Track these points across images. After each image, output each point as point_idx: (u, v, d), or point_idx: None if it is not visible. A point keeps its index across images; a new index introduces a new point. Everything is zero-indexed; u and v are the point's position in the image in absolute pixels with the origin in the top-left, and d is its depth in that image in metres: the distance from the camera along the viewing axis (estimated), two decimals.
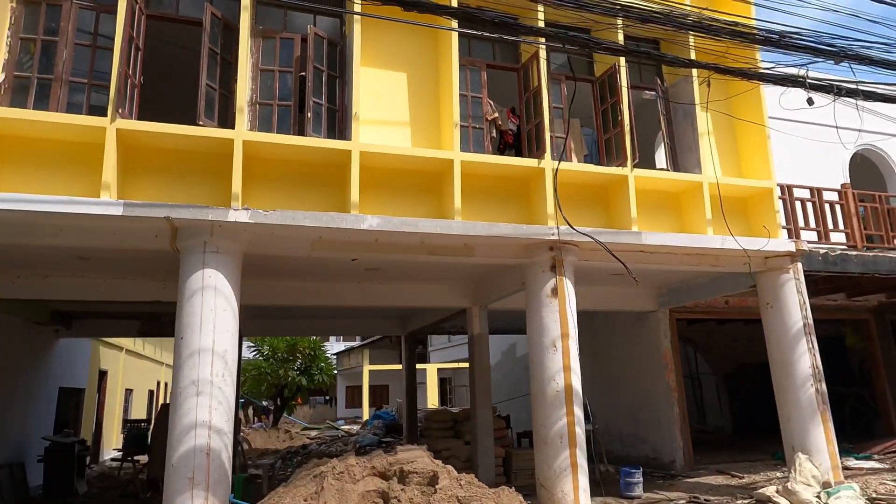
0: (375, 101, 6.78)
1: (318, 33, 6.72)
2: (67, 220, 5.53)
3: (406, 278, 9.15)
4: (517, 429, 12.78)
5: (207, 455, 5.39)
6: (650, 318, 10.67)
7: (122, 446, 10.56)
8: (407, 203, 6.75)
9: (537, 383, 6.80)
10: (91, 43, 6.18)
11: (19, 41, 5.94)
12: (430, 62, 7.22)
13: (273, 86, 6.62)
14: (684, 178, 7.78)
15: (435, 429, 10.63)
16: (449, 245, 6.81)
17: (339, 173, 6.52)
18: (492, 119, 7.57)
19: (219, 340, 5.64)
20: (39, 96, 5.86)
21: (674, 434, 10.06)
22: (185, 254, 5.86)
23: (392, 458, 5.53)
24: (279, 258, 7.11)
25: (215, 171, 6.11)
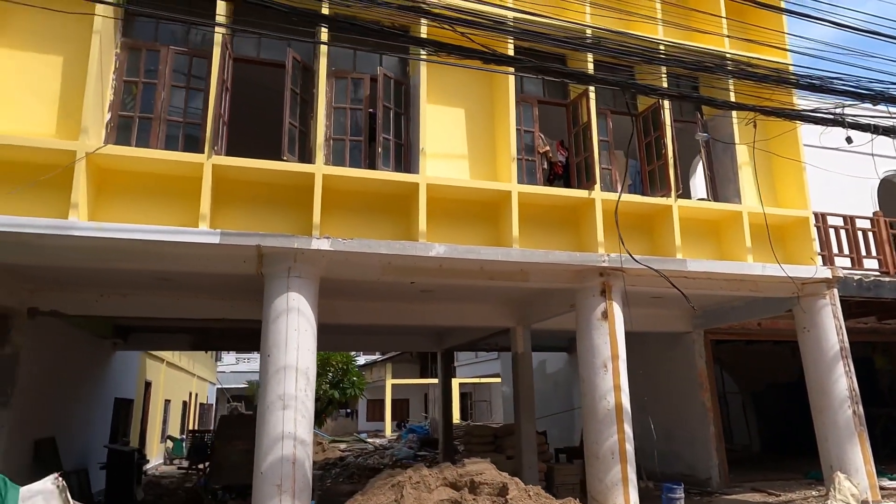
0: (437, 135, 7.30)
1: (387, 74, 7.28)
2: (168, 248, 6.08)
3: (455, 299, 9.62)
4: (552, 445, 13.11)
5: (293, 464, 5.86)
6: (685, 339, 11.03)
7: (187, 455, 11.07)
8: (467, 231, 7.24)
9: (588, 401, 7.22)
10: (185, 84, 6.79)
11: (123, 83, 6.55)
12: (486, 99, 7.75)
13: (345, 122, 7.18)
14: (725, 208, 8.20)
15: (476, 443, 11.03)
16: (506, 271, 7.28)
17: (405, 203, 7.04)
18: (543, 152, 8.07)
19: (301, 358, 6.14)
20: (140, 133, 6.47)
21: (710, 452, 10.37)
22: (270, 278, 6.38)
23: (462, 469, 5.97)
24: (345, 282, 7.61)
25: (295, 202, 6.66)
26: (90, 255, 6.04)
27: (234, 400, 33.43)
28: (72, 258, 6.05)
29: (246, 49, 7.22)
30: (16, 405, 7.66)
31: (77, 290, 8.12)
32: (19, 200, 5.77)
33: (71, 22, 6.16)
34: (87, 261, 6.09)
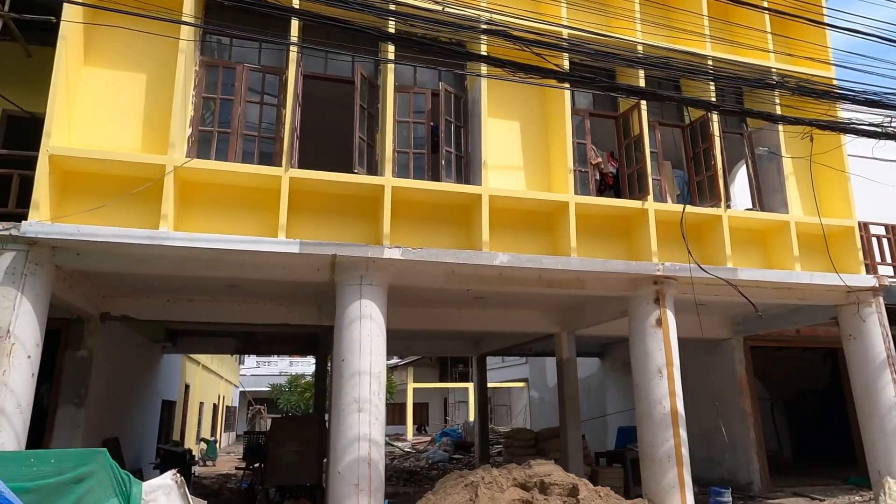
0: (495, 147, 7.57)
1: (448, 89, 7.57)
2: (249, 257, 6.39)
3: (502, 305, 9.87)
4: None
5: (369, 465, 6.13)
6: (725, 346, 11.19)
7: (243, 456, 11.39)
8: (525, 240, 7.49)
9: (643, 406, 7.43)
10: (259, 100, 7.11)
11: (202, 100, 6.88)
12: (540, 111, 8.01)
13: (408, 135, 7.47)
14: (773, 218, 8.39)
15: (518, 446, 11.24)
16: (564, 279, 7.53)
17: (466, 213, 7.31)
18: (595, 163, 8.31)
19: (374, 363, 6.42)
20: (219, 147, 6.79)
21: (750, 457, 10.52)
22: (342, 286, 6.66)
23: (529, 470, 6.21)
24: (404, 288, 7.88)
25: (364, 212, 6.96)
26: (177, 264, 6.36)
27: (257, 403, 33.81)
28: (159, 266, 6.37)
29: (312, 66, 7.53)
30: (89, 405, 8.00)
31: (147, 296, 8.47)
32: (111, 211, 6.09)
33: (154, 41, 6.48)
34: (174, 269, 6.41)
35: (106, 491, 4.27)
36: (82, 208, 6.05)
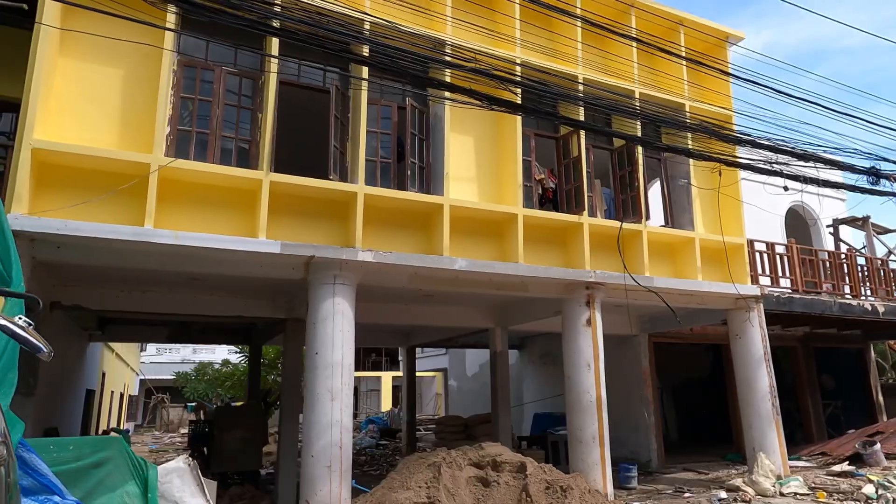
0: (454, 160, 8.32)
1: (413, 104, 8.22)
2: (229, 255, 6.73)
3: (445, 302, 10.68)
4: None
5: (340, 448, 6.73)
6: (633, 342, 12.70)
7: (188, 443, 11.39)
8: (478, 246, 8.32)
9: (573, 395, 8.54)
10: (236, 103, 7.39)
11: (180, 100, 7.07)
12: (493, 129, 8.84)
13: (375, 145, 8.04)
14: (682, 234, 9.80)
15: (449, 432, 12.16)
16: (510, 282, 8.44)
17: (428, 220, 8.02)
18: (539, 179, 9.30)
19: (345, 356, 7.00)
20: (197, 148, 7.03)
21: (650, 438, 12.10)
22: (316, 284, 7.16)
23: (482, 451, 7.08)
24: (372, 287, 8.44)
25: (336, 215, 7.47)
26: (160, 260, 6.58)
27: (158, 391, 32.49)
28: (142, 262, 6.56)
29: (286, 71, 7.88)
30: (37, 395, 7.91)
31: (100, 286, 8.44)
32: (92, 207, 6.22)
33: (131, 36, 6.60)
34: (156, 264, 6.62)
35: (124, 475, 4.60)
36: (62, 202, 6.13)
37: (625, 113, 8.75)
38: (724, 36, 10.57)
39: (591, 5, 9.18)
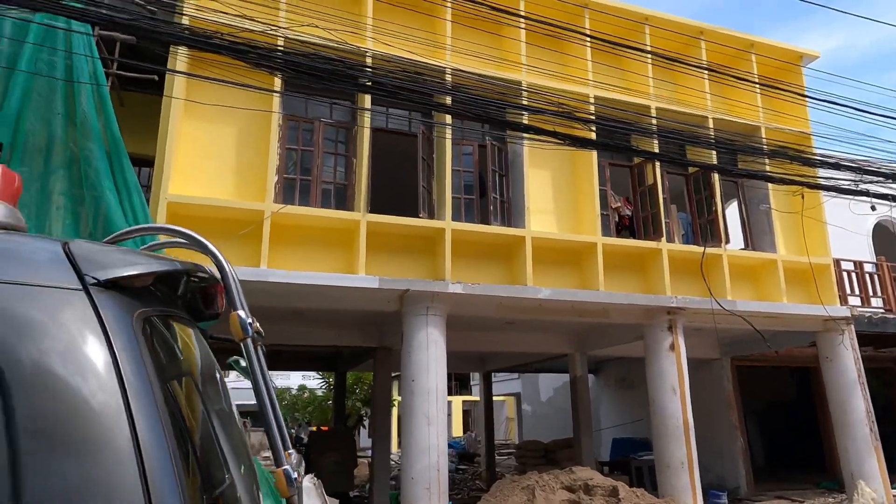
0: (532, 193, 8.73)
1: (492, 142, 8.71)
2: (333, 291, 7.35)
3: (525, 329, 10.99)
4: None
5: (438, 471, 7.13)
6: (714, 366, 12.55)
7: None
8: (559, 275, 8.64)
9: (659, 420, 8.62)
10: (333, 150, 8.12)
11: (286, 151, 7.85)
12: (569, 162, 9.20)
13: (459, 182, 8.56)
14: (764, 256, 9.76)
15: (529, 456, 12.32)
16: (592, 309, 8.70)
17: (510, 251, 8.43)
18: (615, 207, 9.55)
19: (439, 383, 7.44)
20: (301, 193, 7.76)
21: (737, 464, 11.85)
22: (410, 316, 7.68)
23: (573, 475, 7.31)
24: (459, 316, 8.88)
25: (424, 250, 8.00)
26: (273, 297, 7.28)
27: (241, 416, 33.95)
28: (258, 299, 7.27)
29: (375, 120, 8.57)
30: None
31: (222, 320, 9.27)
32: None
33: (242, 99, 7.42)
34: (270, 301, 7.33)
35: (263, 490, 5.18)
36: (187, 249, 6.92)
37: (699, 143, 8.92)
38: (797, 57, 10.58)
39: (660, 41, 9.47)
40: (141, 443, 1.06)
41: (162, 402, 1.14)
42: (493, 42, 8.90)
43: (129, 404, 1.09)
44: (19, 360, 1.06)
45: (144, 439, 1.07)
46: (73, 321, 1.14)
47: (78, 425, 1.05)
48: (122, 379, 1.11)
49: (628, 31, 9.47)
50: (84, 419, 1.06)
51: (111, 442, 1.05)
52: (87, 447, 1.04)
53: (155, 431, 1.09)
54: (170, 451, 1.10)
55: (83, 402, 1.08)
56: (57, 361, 1.08)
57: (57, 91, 5.28)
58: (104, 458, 1.05)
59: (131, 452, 1.06)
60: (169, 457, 1.10)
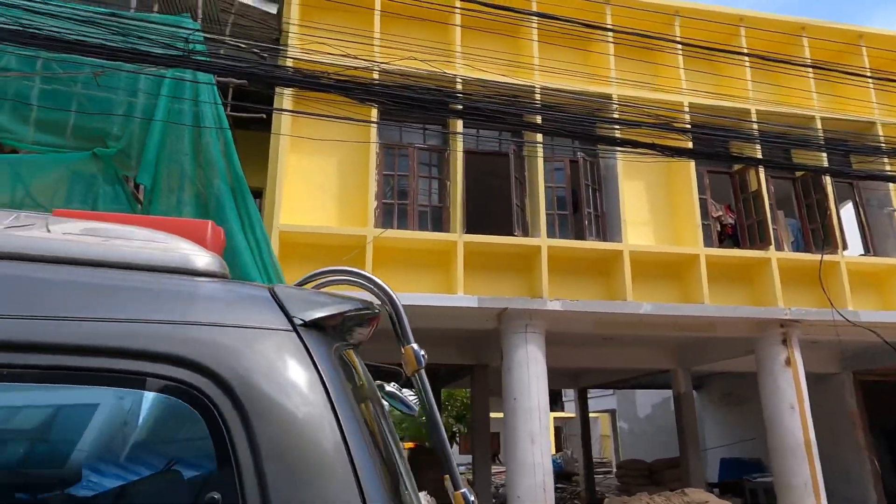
0: (628, 206, 8.56)
1: (584, 157, 8.66)
2: (432, 310, 7.54)
3: (622, 344, 10.73)
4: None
5: (544, 490, 7.08)
6: (834, 381, 11.66)
7: None
8: (658, 289, 8.40)
9: (776, 439, 8.12)
10: (427, 174, 8.37)
11: (383, 177, 8.19)
12: (664, 171, 8.96)
13: (552, 199, 8.56)
14: (889, 262, 9.02)
15: (631, 476, 11.93)
16: (696, 323, 8.38)
17: (606, 266, 8.30)
18: (716, 216, 9.19)
19: (541, 401, 7.42)
20: (399, 217, 8.05)
21: (867, 488, 10.89)
22: (508, 334, 7.73)
23: (686, 497, 7.03)
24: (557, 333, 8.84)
25: (519, 268, 8.04)
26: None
27: None
28: None
29: (466, 142, 8.76)
30: None
31: None
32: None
33: (342, 131, 7.82)
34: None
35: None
36: (300, 273, 7.34)
37: (807, 145, 8.44)
38: None
39: (757, 42, 9.08)
40: (357, 467, 1.20)
41: (365, 427, 1.28)
42: (581, 58, 8.88)
43: (343, 432, 1.23)
44: (257, 395, 1.21)
45: (359, 463, 1.20)
46: (291, 358, 1.29)
47: (308, 451, 1.20)
48: (334, 408, 1.26)
49: (722, 35, 9.16)
50: (311, 445, 1.20)
51: (335, 467, 1.19)
52: (318, 470, 1.18)
53: (366, 455, 1.22)
54: (377, 473, 1.23)
55: (309, 430, 1.22)
56: (283, 394, 1.24)
57: (185, 136, 5.83)
58: (331, 480, 1.18)
59: (351, 476, 1.19)
60: (379, 479, 1.23)
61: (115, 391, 1.24)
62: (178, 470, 1.23)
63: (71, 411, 1.27)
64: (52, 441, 1.27)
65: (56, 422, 1.28)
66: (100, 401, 1.25)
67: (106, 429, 1.27)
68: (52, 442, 1.27)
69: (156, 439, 1.27)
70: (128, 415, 1.25)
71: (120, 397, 1.25)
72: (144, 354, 1.19)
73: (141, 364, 1.19)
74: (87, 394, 1.24)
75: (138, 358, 1.19)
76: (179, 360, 1.20)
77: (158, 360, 1.19)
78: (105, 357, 1.19)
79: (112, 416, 1.28)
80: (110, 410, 1.29)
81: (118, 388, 1.23)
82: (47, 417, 1.27)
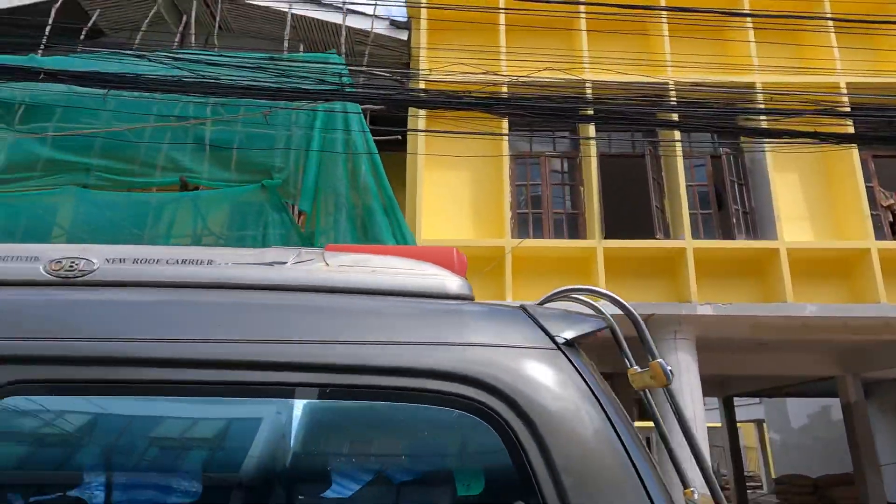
0: (781, 200, 7.95)
1: (727, 151, 8.18)
2: None
3: (778, 349, 9.94)
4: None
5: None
6: None
7: None
8: (821, 288, 7.69)
9: None
10: (560, 182, 8.33)
11: (516, 187, 8.26)
12: (820, 160, 8.23)
13: (693, 198, 8.16)
14: None
15: (793, 493, 10.96)
16: (871, 325, 7.58)
17: (759, 266, 7.75)
18: (887, 205, 8.28)
19: (696, 411, 7.06)
20: (534, 225, 8.07)
21: None
22: (655, 341, 7.41)
23: None
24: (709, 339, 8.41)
25: (662, 272, 7.73)
26: None
27: None
28: None
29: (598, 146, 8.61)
30: None
31: None
32: None
33: (474, 145, 7.97)
34: None
35: None
36: None
37: None
38: None
39: None
40: (642, 477, 1.23)
41: (638, 438, 1.32)
42: (716, 48, 8.41)
43: (623, 443, 1.27)
44: (541, 411, 1.28)
45: (643, 473, 1.24)
46: (564, 375, 1.35)
47: (597, 463, 1.25)
48: (610, 421, 1.30)
49: (874, 4, 8.27)
50: (599, 458, 1.26)
51: (625, 478, 1.24)
52: (610, 482, 1.23)
53: (646, 464, 1.26)
54: (658, 481, 1.26)
55: (596, 443, 1.27)
56: (566, 410, 1.30)
57: (339, 162, 6.27)
58: (623, 491, 1.23)
59: (640, 487, 1.23)
60: (661, 487, 1.26)
61: (408, 406, 1.37)
62: (481, 479, 1.34)
63: (382, 423, 1.42)
64: (371, 450, 1.44)
65: (370, 432, 1.44)
66: (398, 415, 1.39)
67: (406, 439, 1.41)
68: (371, 451, 1.44)
69: (454, 450, 1.39)
70: (421, 427, 1.38)
71: (412, 412, 1.38)
72: (432, 373, 1.31)
73: (429, 382, 1.31)
74: (389, 409, 1.38)
75: (426, 377, 1.31)
76: (462, 378, 1.30)
77: (445, 378, 1.30)
78: (395, 377, 1.31)
79: (407, 429, 1.42)
80: (404, 423, 1.43)
81: (410, 403, 1.35)
82: (363, 429, 1.43)
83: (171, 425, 1.45)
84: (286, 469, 1.37)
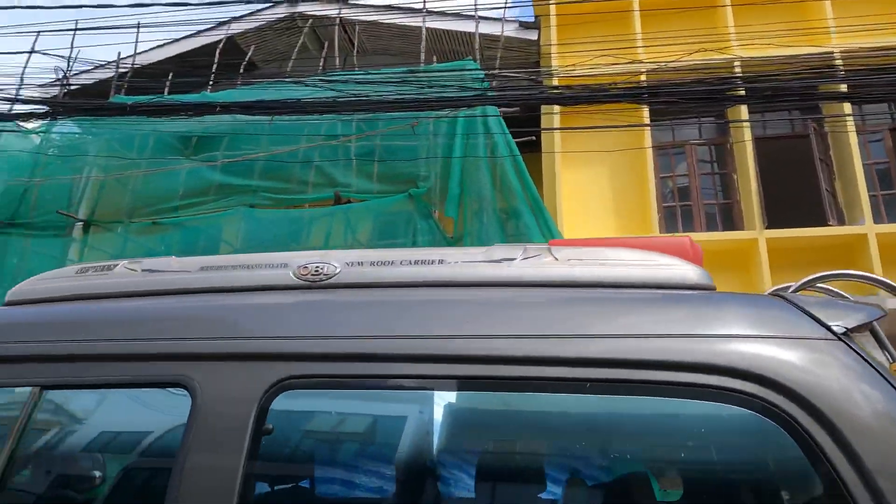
0: None
1: None
2: None
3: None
4: None
5: None
6: None
7: None
8: None
9: None
10: (709, 171, 7.80)
11: (660, 180, 7.85)
12: None
13: (870, 177, 7.26)
14: None
15: None
16: None
17: None
18: None
19: None
20: (684, 219, 7.61)
21: None
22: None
23: None
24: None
25: (836, 262, 6.92)
26: None
27: None
28: None
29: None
30: None
31: None
32: None
33: (611, 141, 7.68)
34: None
35: None
36: None
37: None
38: None
39: None
40: None
41: None
42: (886, 7, 7.46)
43: None
44: (838, 408, 1.14)
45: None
46: (858, 367, 1.20)
47: None
48: None
49: None
50: None
51: None
52: None
53: None
54: None
55: None
56: (869, 407, 1.15)
57: (482, 166, 6.33)
58: None
59: None
60: None
61: (677, 401, 1.29)
62: (769, 481, 1.24)
63: (646, 419, 1.36)
64: (624, 442, 1.39)
65: (628, 426, 1.39)
66: (666, 409, 1.32)
67: (675, 434, 1.34)
68: (624, 442, 1.39)
69: (733, 448, 1.30)
70: (696, 423, 1.30)
71: (683, 407, 1.30)
72: (702, 367, 1.22)
73: (697, 377, 1.22)
74: (653, 404, 1.31)
75: (695, 371, 1.22)
76: (735, 372, 1.20)
77: (715, 372, 1.20)
78: (663, 370, 1.23)
79: (675, 424, 1.34)
80: (669, 418, 1.36)
81: (680, 398, 1.27)
82: (629, 422, 1.39)
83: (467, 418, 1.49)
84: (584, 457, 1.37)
